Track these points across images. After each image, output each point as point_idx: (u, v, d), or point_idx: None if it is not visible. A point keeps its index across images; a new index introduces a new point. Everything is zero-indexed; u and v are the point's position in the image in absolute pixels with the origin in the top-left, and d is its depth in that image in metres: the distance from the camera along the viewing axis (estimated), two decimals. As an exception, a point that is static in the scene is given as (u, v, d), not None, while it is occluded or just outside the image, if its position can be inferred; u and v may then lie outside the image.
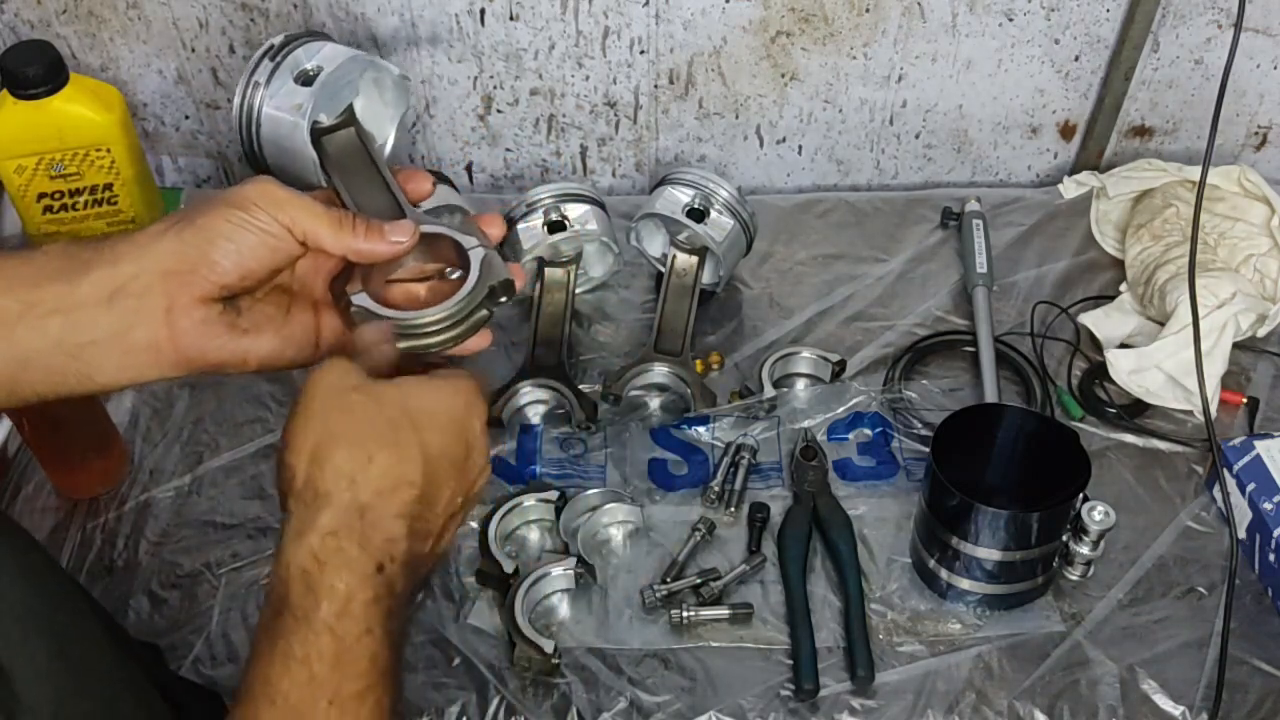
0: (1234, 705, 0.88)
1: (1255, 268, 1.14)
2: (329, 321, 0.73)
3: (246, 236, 0.67)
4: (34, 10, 1.19)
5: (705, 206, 1.12)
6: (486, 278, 0.72)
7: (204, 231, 0.67)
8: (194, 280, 0.66)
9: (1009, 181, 1.36)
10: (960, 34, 1.22)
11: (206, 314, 0.67)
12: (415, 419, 0.64)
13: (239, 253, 0.67)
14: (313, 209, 0.70)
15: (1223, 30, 1.23)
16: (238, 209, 0.68)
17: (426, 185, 0.77)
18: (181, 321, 0.66)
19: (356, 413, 0.63)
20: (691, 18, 1.20)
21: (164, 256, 0.66)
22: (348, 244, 0.70)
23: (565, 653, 0.90)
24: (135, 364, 0.66)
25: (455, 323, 0.71)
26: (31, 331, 0.65)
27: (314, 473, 0.62)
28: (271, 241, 0.68)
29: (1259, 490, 0.95)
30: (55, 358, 0.65)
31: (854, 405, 1.08)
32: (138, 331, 0.66)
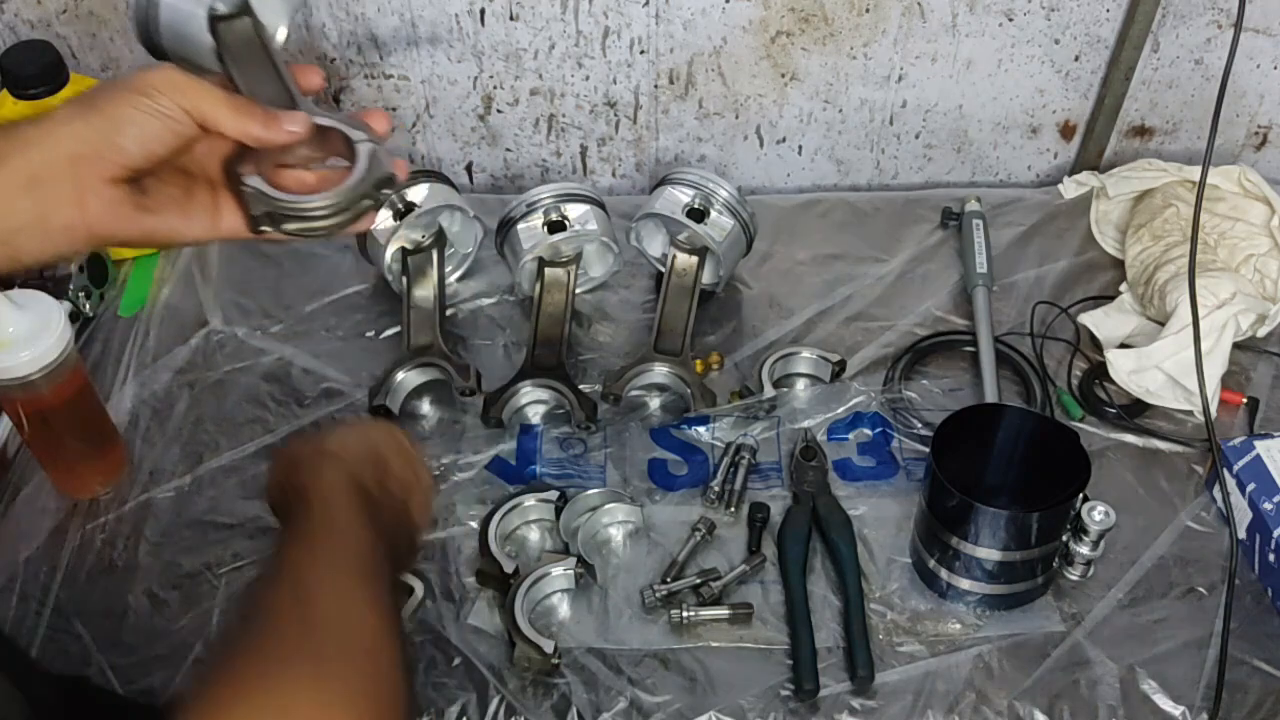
0: (1234, 705, 0.88)
1: (1255, 268, 1.14)
2: (226, 201, 0.77)
3: (150, 121, 0.71)
4: (34, 10, 1.18)
5: (705, 206, 1.12)
6: (373, 170, 0.75)
7: (109, 118, 0.70)
8: (101, 164, 0.69)
9: (1009, 181, 1.36)
10: (960, 34, 1.22)
11: (115, 195, 0.70)
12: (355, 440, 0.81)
13: (142, 136, 0.70)
14: (213, 94, 0.73)
15: (1223, 30, 1.23)
16: (141, 94, 0.71)
17: (317, 79, 0.80)
18: (93, 204, 0.69)
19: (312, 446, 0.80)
20: (691, 18, 1.20)
21: (72, 142, 0.69)
22: (245, 129, 0.73)
23: (565, 653, 0.90)
24: (55, 243, 0.70)
25: (340, 210, 0.75)
26: None
27: (286, 473, 0.77)
28: (173, 125, 0.71)
29: (1259, 490, 0.95)
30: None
31: (854, 405, 1.08)
32: (54, 216, 0.69)
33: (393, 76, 1.24)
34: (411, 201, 1.13)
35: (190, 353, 1.13)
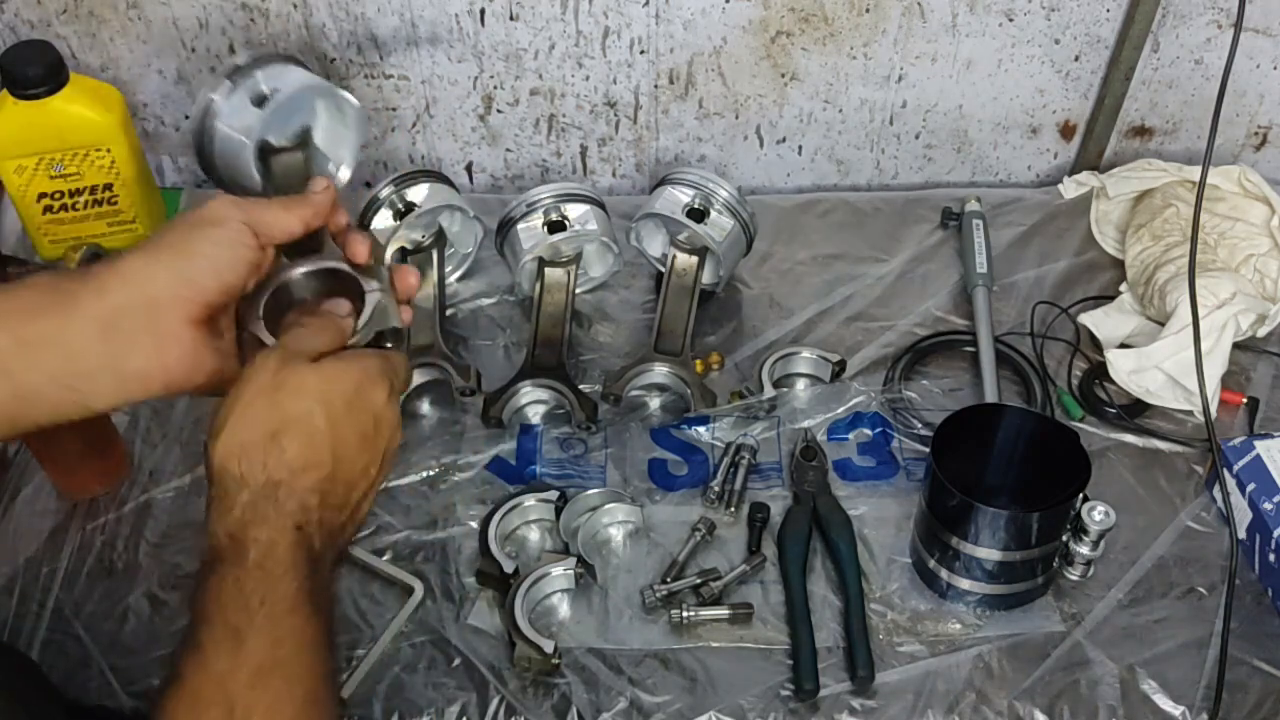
0: (1234, 705, 0.88)
1: (1255, 268, 1.14)
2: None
3: (221, 251, 0.71)
4: (34, 10, 1.18)
5: (705, 206, 1.12)
6: (376, 323, 0.77)
7: (182, 254, 0.70)
8: (180, 305, 0.69)
9: (1009, 181, 1.36)
10: (960, 34, 1.22)
11: (194, 338, 0.70)
12: (322, 401, 0.70)
13: (216, 268, 0.71)
14: (264, 201, 0.75)
15: (1223, 30, 1.23)
16: (210, 225, 0.71)
17: (361, 249, 0.79)
18: (172, 349, 0.69)
19: (270, 404, 0.69)
20: (691, 18, 1.20)
21: (148, 283, 0.69)
22: (300, 215, 0.75)
23: (565, 653, 0.90)
24: (129, 390, 0.69)
25: None
26: (29, 368, 0.67)
27: (233, 462, 0.67)
28: (242, 251, 0.72)
29: (1259, 490, 0.95)
30: (53, 390, 0.68)
31: (854, 405, 1.08)
32: (131, 361, 0.68)
33: (393, 76, 1.24)
34: (411, 201, 1.13)
35: (190, 353, 1.13)
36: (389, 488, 1.01)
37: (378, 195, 1.13)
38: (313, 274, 0.78)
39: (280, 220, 0.74)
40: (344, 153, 0.91)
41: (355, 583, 0.95)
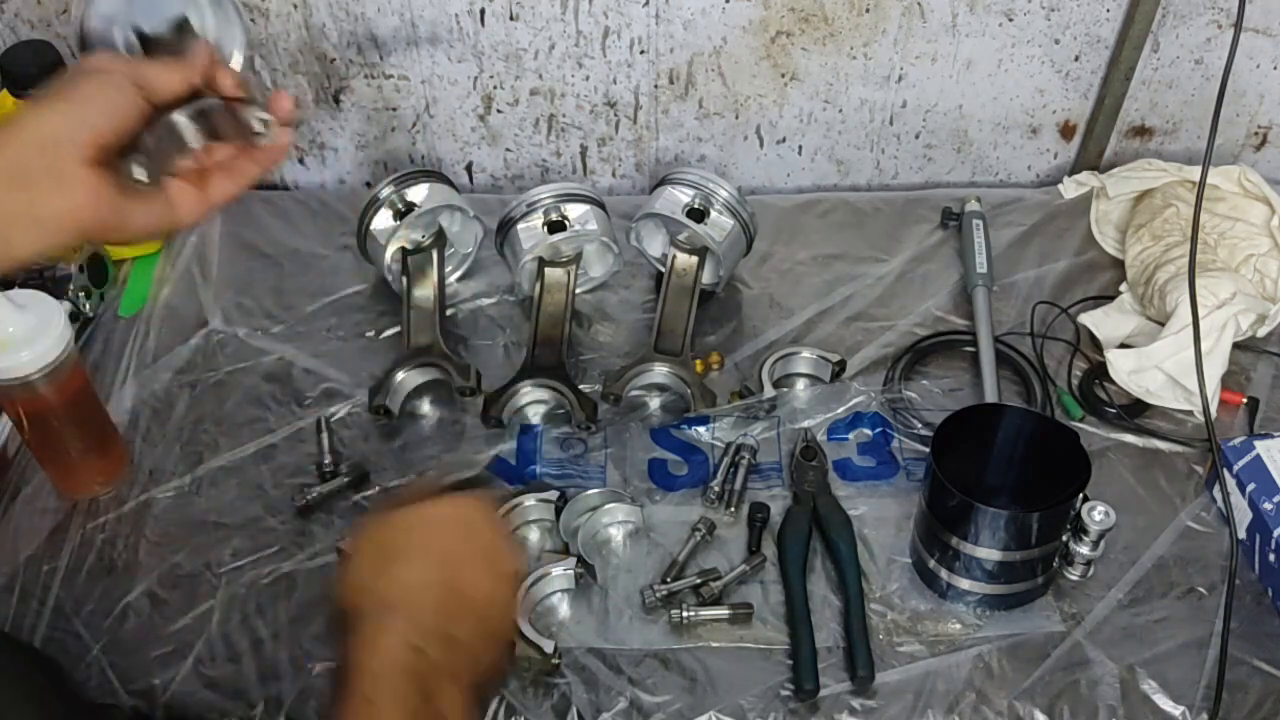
0: (1234, 705, 0.88)
1: (1255, 268, 1.14)
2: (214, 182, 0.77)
3: (109, 94, 0.71)
4: (34, 10, 1.18)
5: (705, 206, 1.12)
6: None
7: (71, 100, 0.70)
8: (75, 146, 0.69)
9: (1009, 181, 1.36)
10: (960, 34, 1.22)
11: (96, 179, 0.69)
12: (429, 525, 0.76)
13: (108, 109, 0.71)
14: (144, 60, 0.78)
15: (1223, 30, 1.23)
16: (96, 72, 0.72)
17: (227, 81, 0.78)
18: (77, 190, 0.69)
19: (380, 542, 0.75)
20: (691, 18, 1.20)
21: (42, 127, 0.69)
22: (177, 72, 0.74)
23: (565, 653, 0.90)
24: (47, 234, 0.69)
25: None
26: None
27: (354, 598, 0.73)
28: (130, 97, 0.72)
29: (1259, 490, 0.95)
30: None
31: (854, 405, 1.08)
32: (40, 205, 0.68)
33: (393, 76, 1.24)
34: (411, 201, 1.13)
35: (190, 353, 1.13)
36: (388, 487, 1.01)
37: (378, 195, 1.13)
38: (195, 114, 0.76)
39: (162, 76, 0.74)
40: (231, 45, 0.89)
41: (355, 582, 0.95)
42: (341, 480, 1.01)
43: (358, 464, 1.02)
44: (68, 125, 0.69)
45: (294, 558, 0.97)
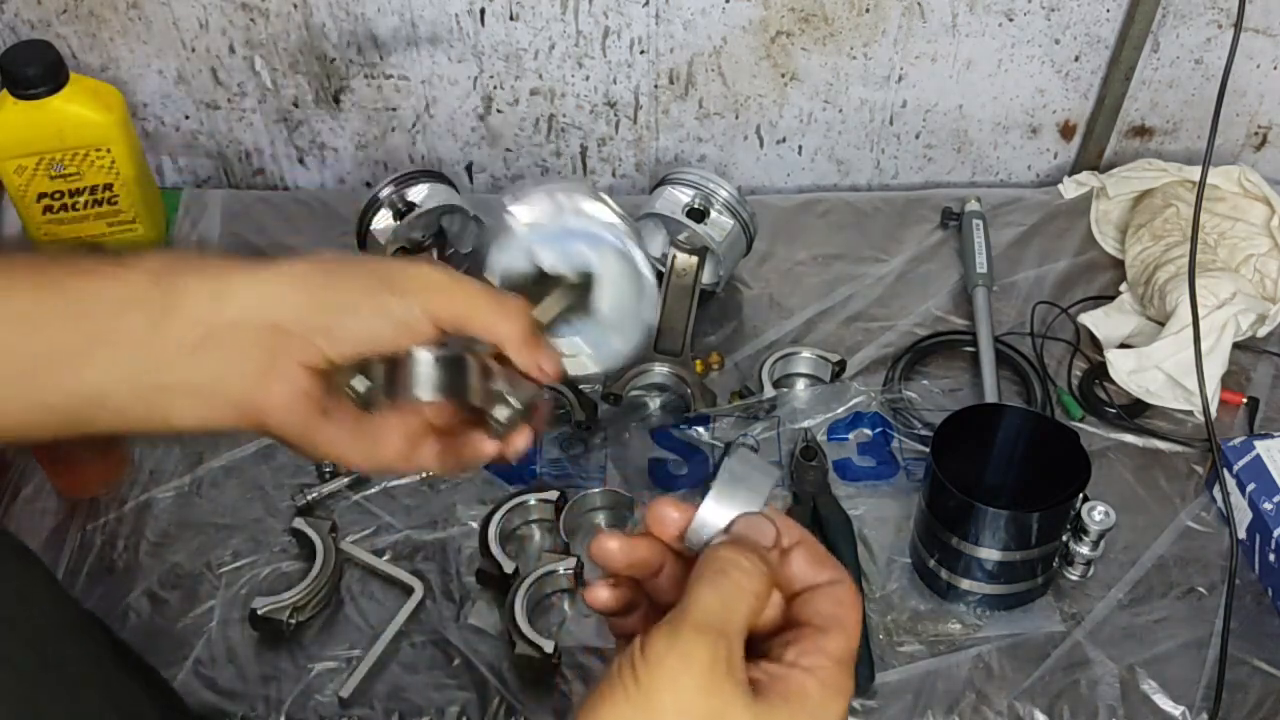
0: (1234, 705, 0.88)
1: (1255, 268, 1.14)
2: (390, 427, 0.64)
3: (381, 322, 0.60)
4: (34, 10, 1.19)
5: (705, 206, 1.12)
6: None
7: (337, 294, 0.59)
8: (305, 345, 0.59)
9: (1009, 181, 1.36)
10: (960, 34, 1.22)
11: (305, 385, 0.59)
12: None
13: (368, 333, 0.60)
14: (476, 295, 0.62)
15: (1223, 30, 1.23)
16: (392, 293, 0.60)
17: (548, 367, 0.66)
18: (278, 387, 0.59)
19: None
20: (691, 18, 1.20)
21: (284, 308, 0.59)
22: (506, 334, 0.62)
23: (565, 653, 0.90)
24: (215, 416, 0.59)
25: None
26: (105, 367, 0.58)
27: None
28: (407, 332, 0.61)
29: (1259, 490, 0.95)
30: (126, 397, 0.58)
31: (854, 405, 1.08)
32: (228, 386, 0.59)
33: (393, 76, 1.24)
34: (411, 201, 1.13)
35: (190, 353, 1.13)
36: (389, 488, 1.01)
37: (378, 195, 1.13)
38: (444, 361, 0.63)
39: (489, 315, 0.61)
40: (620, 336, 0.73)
41: (355, 582, 0.95)
42: (341, 480, 1.01)
43: (358, 464, 1.02)
44: (315, 321, 0.59)
45: (294, 557, 0.97)
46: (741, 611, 0.51)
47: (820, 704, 0.51)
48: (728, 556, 0.53)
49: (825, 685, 0.52)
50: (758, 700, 0.50)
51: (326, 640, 0.92)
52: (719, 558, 0.53)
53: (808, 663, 0.52)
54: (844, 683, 0.52)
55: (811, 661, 0.52)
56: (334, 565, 0.94)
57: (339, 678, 0.89)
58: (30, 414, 0.59)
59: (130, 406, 0.58)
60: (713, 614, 0.50)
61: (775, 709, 0.50)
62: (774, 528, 0.54)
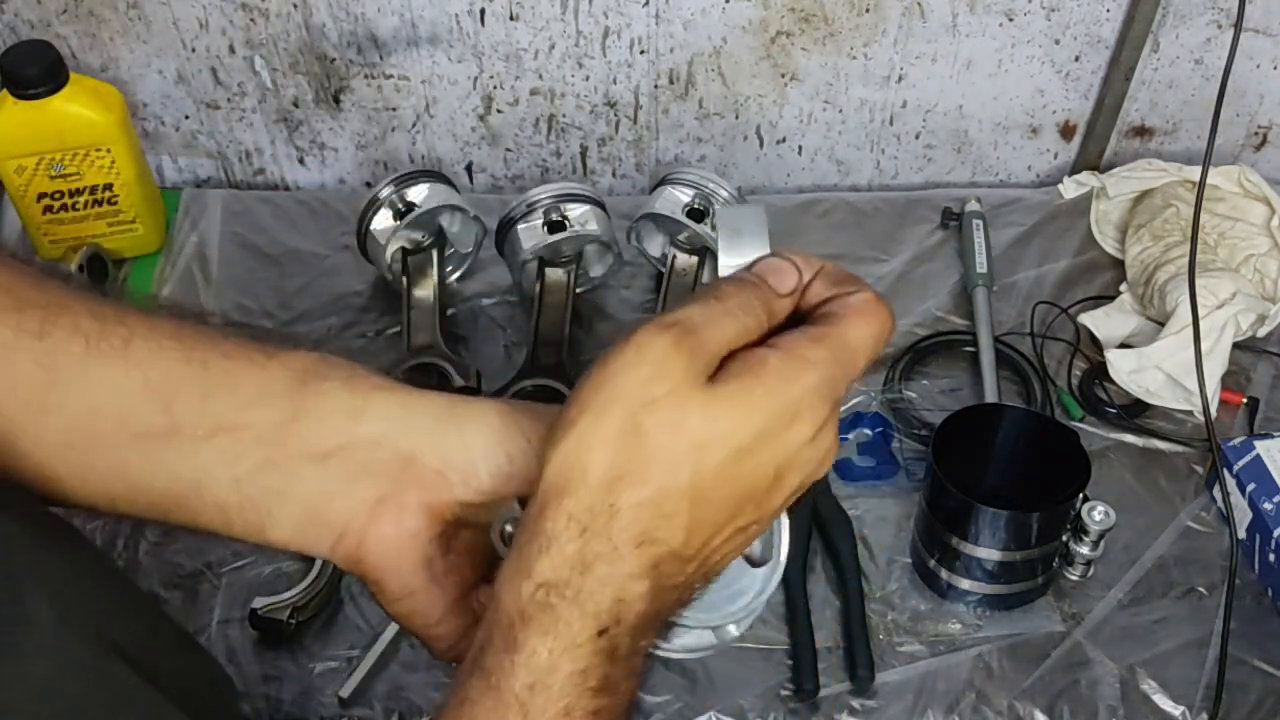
0: (1234, 705, 0.88)
1: (1255, 268, 1.14)
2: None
3: (526, 462, 0.54)
4: (34, 10, 1.18)
5: (705, 206, 1.12)
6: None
7: (486, 432, 0.54)
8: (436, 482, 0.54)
9: (1009, 182, 1.36)
10: (960, 34, 1.22)
11: (418, 529, 0.54)
12: (700, 453, 0.48)
13: (506, 473, 0.54)
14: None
15: (1223, 30, 1.23)
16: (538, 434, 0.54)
17: None
18: (386, 523, 0.54)
19: (626, 432, 0.47)
20: (691, 18, 1.20)
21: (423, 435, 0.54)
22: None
23: (565, 653, 0.90)
24: (312, 535, 0.55)
25: None
26: (218, 457, 0.54)
27: (550, 503, 0.48)
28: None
29: (1259, 490, 0.95)
30: (229, 493, 0.54)
31: (854, 405, 1.08)
32: (333, 506, 0.54)
33: (393, 76, 1.24)
34: (411, 201, 1.13)
35: (190, 353, 1.13)
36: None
37: (378, 195, 1.13)
38: None
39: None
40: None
41: (355, 582, 0.95)
42: (341, 480, 1.01)
43: (358, 464, 1.02)
44: (453, 458, 0.53)
45: (294, 557, 0.97)
46: (720, 326, 0.48)
47: (782, 379, 0.48)
48: (724, 284, 0.51)
49: (789, 357, 0.48)
50: (717, 382, 0.48)
51: (326, 640, 0.92)
52: (715, 285, 0.51)
53: (781, 342, 0.49)
54: (815, 355, 0.48)
55: (786, 342, 0.49)
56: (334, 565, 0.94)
57: (339, 678, 0.89)
58: (129, 487, 0.56)
59: (231, 504, 0.54)
60: (684, 316, 0.48)
61: (727, 388, 0.48)
62: (795, 271, 0.51)
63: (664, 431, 0.47)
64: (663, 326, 0.48)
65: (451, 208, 1.14)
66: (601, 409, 0.47)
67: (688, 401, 0.47)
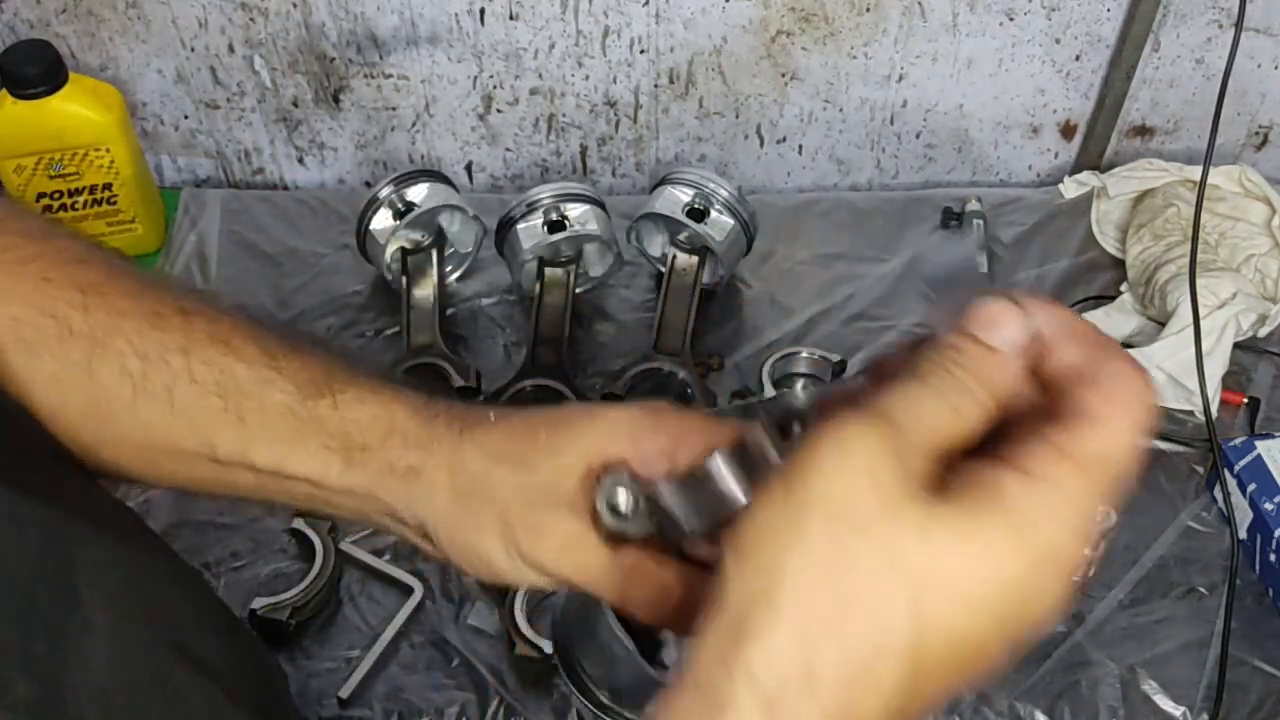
0: (1234, 705, 0.88)
1: (1256, 268, 1.14)
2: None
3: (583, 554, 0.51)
4: (33, 9, 1.18)
5: (705, 206, 1.11)
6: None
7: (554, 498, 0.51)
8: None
9: (1010, 181, 1.36)
10: (961, 33, 1.22)
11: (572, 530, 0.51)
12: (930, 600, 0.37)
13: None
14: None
15: (1223, 30, 1.23)
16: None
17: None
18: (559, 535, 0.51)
19: (837, 575, 0.37)
20: (692, 17, 1.20)
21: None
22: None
23: (565, 653, 0.90)
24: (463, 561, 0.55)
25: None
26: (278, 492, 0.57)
27: (727, 649, 0.37)
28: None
29: (1260, 490, 0.95)
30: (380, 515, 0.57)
31: (854, 405, 1.08)
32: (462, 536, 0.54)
33: (392, 76, 1.24)
34: (411, 201, 1.13)
35: (190, 352, 1.13)
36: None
37: (377, 195, 1.13)
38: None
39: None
40: None
41: (355, 582, 0.95)
42: (341, 480, 1.01)
43: (357, 464, 1.02)
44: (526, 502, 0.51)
45: (293, 557, 0.96)
46: (927, 416, 0.38)
47: (1028, 514, 0.37)
48: (931, 358, 0.40)
49: (1032, 482, 0.38)
50: (938, 501, 0.37)
51: (326, 640, 0.92)
52: (921, 360, 0.40)
53: (1025, 460, 0.38)
54: (1068, 480, 0.38)
55: (1031, 459, 0.38)
56: (333, 565, 0.94)
57: (338, 678, 0.89)
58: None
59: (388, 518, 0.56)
60: (888, 407, 0.38)
61: (953, 513, 0.37)
62: (1016, 314, 0.40)
63: (877, 562, 0.36)
64: (871, 420, 0.38)
65: (451, 207, 1.14)
66: (797, 524, 0.37)
67: (904, 525, 0.37)
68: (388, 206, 1.12)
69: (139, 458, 0.58)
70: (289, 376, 0.56)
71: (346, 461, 0.55)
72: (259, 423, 0.56)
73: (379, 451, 0.55)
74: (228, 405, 0.56)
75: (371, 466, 0.55)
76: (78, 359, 0.55)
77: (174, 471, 0.59)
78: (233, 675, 0.57)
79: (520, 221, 1.12)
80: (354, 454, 0.55)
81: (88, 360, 0.55)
